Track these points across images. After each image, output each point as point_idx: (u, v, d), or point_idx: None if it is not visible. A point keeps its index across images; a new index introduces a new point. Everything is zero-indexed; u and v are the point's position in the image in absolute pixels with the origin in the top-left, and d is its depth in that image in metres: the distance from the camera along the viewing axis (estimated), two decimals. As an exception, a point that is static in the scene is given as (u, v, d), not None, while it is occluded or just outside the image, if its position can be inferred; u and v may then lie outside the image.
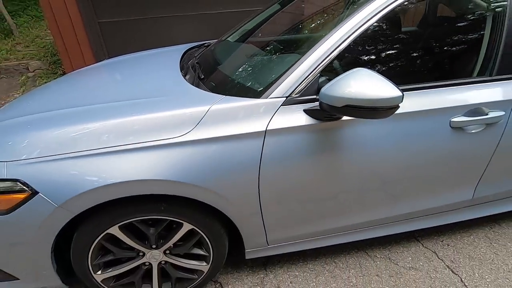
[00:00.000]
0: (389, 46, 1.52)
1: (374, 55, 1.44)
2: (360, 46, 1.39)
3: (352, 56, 1.40)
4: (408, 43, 1.58)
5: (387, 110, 1.02)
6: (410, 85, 1.30)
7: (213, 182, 1.16)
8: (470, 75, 1.40)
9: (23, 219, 1.09)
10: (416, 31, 1.59)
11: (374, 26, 1.20)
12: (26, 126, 1.21)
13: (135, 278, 1.36)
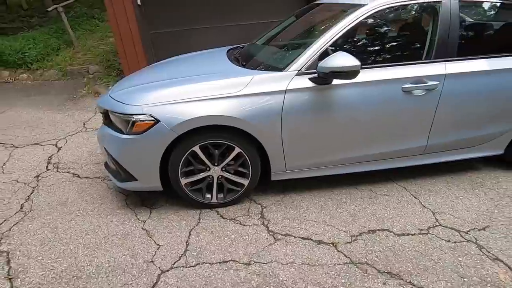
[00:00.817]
0: (364, 40, 2.31)
1: (352, 46, 2.24)
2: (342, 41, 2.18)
3: (337, 46, 2.19)
4: (378, 39, 2.36)
5: (352, 73, 1.82)
6: (379, 64, 2.08)
7: (256, 120, 1.98)
8: (419, 59, 2.16)
9: (149, 137, 1.95)
10: (384, 31, 2.37)
11: (349, 29, 2.01)
12: (144, 89, 2.10)
13: (202, 186, 2.19)
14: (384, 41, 2.37)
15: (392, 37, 2.32)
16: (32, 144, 3.45)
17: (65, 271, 1.79)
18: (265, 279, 1.69)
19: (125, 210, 2.30)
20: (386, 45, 2.31)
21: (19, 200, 2.45)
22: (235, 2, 5.12)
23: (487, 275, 1.67)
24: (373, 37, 2.27)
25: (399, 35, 2.34)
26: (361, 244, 1.91)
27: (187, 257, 1.86)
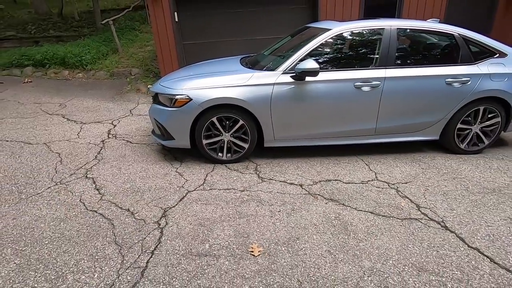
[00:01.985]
0: (330, 52, 3.30)
1: (321, 56, 3.24)
2: (314, 52, 3.16)
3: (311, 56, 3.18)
4: (339, 51, 3.34)
5: (314, 73, 2.83)
6: (339, 68, 3.08)
7: (254, 102, 3.01)
8: (367, 66, 3.13)
9: (185, 110, 3.04)
10: (343, 46, 3.36)
11: (319, 45, 3.03)
12: (182, 80, 3.21)
13: (217, 146, 3.24)
14: (343, 53, 3.36)
15: (349, 50, 3.32)
16: (95, 122, 4.67)
17: (129, 188, 2.87)
18: (251, 197, 2.69)
19: (164, 162, 3.39)
20: (345, 56, 3.30)
21: (94, 153, 3.61)
22: (253, 22, 6.28)
23: (394, 203, 2.58)
24: (336, 50, 3.28)
25: (354, 49, 3.33)
26: (318, 186, 2.87)
27: (204, 186, 2.90)
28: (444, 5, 6.13)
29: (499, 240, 2.13)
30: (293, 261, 1.98)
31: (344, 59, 3.29)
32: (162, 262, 1.97)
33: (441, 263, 1.94)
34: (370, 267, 1.92)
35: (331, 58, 3.22)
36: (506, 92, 3.17)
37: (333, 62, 3.22)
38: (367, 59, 3.19)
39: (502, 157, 3.41)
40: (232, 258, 2.00)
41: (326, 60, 3.20)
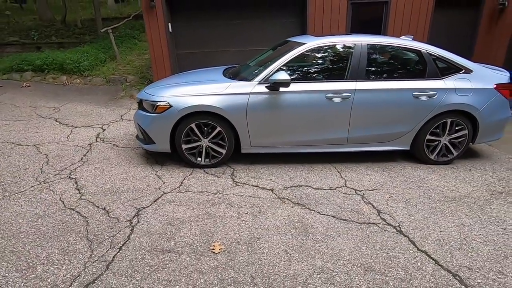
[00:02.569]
0: (304, 64, 3.49)
1: (296, 68, 3.42)
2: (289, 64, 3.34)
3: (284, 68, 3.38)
4: (313, 64, 3.53)
5: (286, 84, 3.02)
6: (312, 79, 3.26)
7: (231, 110, 3.18)
8: (339, 78, 3.31)
9: (165, 116, 3.21)
10: (317, 60, 3.55)
11: (293, 58, 3.22)
12: (165, 88, 3.39)
13: (196, 151, 3.39)
14: (316, 65, 3.55)
15: (322, 63, 3.51)
16: (85, 126, 4.85)
17: (108, 189, 3.01)
18: (222, 200, 2.83)
19: (145, 165, 3.54)
20: (318, 68, 3.49)
21: (80, 156, 3.77)
22: (245, 33, 6.53)
23: (356, 208, 2.71)
24: (309, 63, 3.47)
25: (327, 62, 3.52)
26: (289, 191, 3.01)
27: (180, 188, 3.04)
28: (428, 22, 6.37)
29: (448, 244, 2.26)
30: (250, 258, 2.10)
31: (317, 71, 3.48)
32: (128, 257, 2.10)
33: (388, 263, 2.07)
34: (321, 266, 2.04)
35: (305, 70, 3.41)
36: (471, 106, 3.34)
37: (306, 74, 3.41)
38: (339, 72, 3.37)
39: (470, 168, 3.55)
40: (194, 255, 2.13)
41: (300, 72, 3.39)
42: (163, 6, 6.00)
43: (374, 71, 3.39)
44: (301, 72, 3.41)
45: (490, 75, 3.44)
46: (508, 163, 3.69)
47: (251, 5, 6.40)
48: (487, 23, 6.44)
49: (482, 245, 2.25)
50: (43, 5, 13.72)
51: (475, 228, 2.44)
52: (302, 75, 3.38)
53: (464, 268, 2.03)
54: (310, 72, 3.43)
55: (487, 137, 3.60)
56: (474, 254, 2.15)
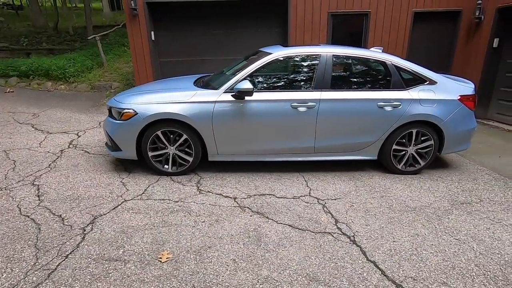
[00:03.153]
0: (271, 74, 3.53)
1: (262, 77, 3.46)
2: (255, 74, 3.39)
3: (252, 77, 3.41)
4: (279, 74, 3.58)
5: (249, 93, 3.04)
6: (278, 89, 3.29)
7: (196, 118, 3.20)
8: (305, 88, 3.34)
9: (131, 123, 3.22)
10: (283, 70, 3.61)
11: (259, 67, 3.26)
12: (133, 95, 3.40)
13: (162, 159, 3.39)
14: (282, 75, 3.60)
15: (288, 73, 3.56)
16: (61, 132, 4.84)
17: (69, 196, 2.99)
18: (182, 208, 2.82)
19: (113, 172, 3.53)
20: (284, 77, 3.54)
21: (48, 162, 3.75)
22: (228, 43, 6.61)
23: (315, 218, 2.71)
24: (276, 72, 3.52)
25: (293, 72, 3.57)
26: (251, 199, 3.00)
27: (142, 196, 3.02)
28: (407, 34, 6.50)
29: (398, 254, 2.25)
30: (196, 268, 2.08)
31: (282, 81, 3.52)
32: (72, 266, 2.07)
33: (335, 274, 2.05)
34: (266, 275, 2.03)
35: (271, 79, 3.46)
36: (436, 117, 3.38)
37: (272, 83, 3.45)
38: (305, 81, 3.41)
39: (437, 178, 3.57)
40: (140, 264, 2.11)
41: (266, 81, 3.43)
42: (146, 15, 6.08)
43: (339, 81, 3.44)
44: (268, 81, 3.45)
45: (454, 87, 3.50)
46: (475, 173, 3.72)
47: (234, 16, 6.50)
48: (465, 36, 6.58)
49: (432, 256, 2.24)
50: (36, 12, 13.82)
51: (429, 239, 2.44)
52: (269, 84, 3.42)
53: (409, 278, 2.02)
54: (276, 82, 3.47)
55: (453, 147, 3.63)
56: (422, 265, 2.15)
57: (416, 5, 6.36)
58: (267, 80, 3.46)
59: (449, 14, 6.52)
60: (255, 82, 3.47)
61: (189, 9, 6.35)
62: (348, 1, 6.29)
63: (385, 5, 6.33)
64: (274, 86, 3.45)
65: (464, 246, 2.36)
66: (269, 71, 3.48)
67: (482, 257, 2.24)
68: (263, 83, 3.45)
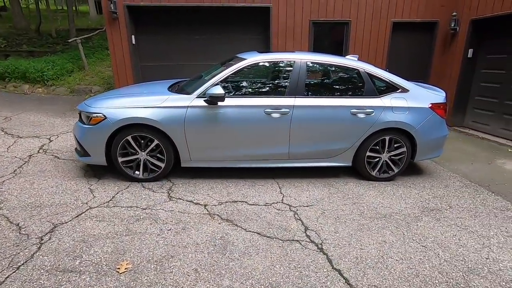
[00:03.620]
0: (244, 79, 3.52)
1: (235, 83, 3.44)
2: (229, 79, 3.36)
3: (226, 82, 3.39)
4: (253, 80, 3.58)
5: (221, 98, 3.01)
6: (251, 94, 3.27)
7: (167, 123, 3.13)
8: (279, 94, 3.34)
9: (99, 128, 3.12)
10: (258, 76, 3.63)
11: (233, 73, 3.24)
12: (103, 99, 3.32)
13: (133, 165, 3.30)
14: (256, 81, 3.60)
15: (262, 79, 3.57)
16: (32, 136, 4.67)
17: (31, 203, 2.86)
18: (149, 215, 2.73)
19: (82, 178, 3.41)
20: (257, 83, 3.54)
21: (14, 167, 3.59)
22: (210, 48, 6.59)
23: (285, 225, 2.67)
24: (249, 78, 3.51)
25: (267, 78, 3.58)
26: (222, 206, 2.94)
27: (109, 203, 2.92)
28: (387, 43, 6.64)
29: (364, 262, 2.23)
30: (155, 278, 2.00)
31: (256, 86, 3.51)
32: (22, 278, 1.96)
33: (297, 283, 2.01)
34: (227, 285, 1.97)
35: (245, 85, 3.44)
36: (408, 124, 3.43)
37: (246, 89, 3.44)
38: (278, 88, 3.41)
39: (410, 185, 3.61)
40: (96, 275, 2.01)
41: (240, 87, 3.41)
42: (126, 18, 6.00)
43: (313, 88, 3.45)
44: (241, 87, 3.43)
45: (425, 95, 3.57)
46: (448, 180, 3.78)
47: (217, 22, 6.50)
48: (442, 46, 6.77)
49: (398, 263, 2.24)
50: (18, 14, 13.50)
51: (396, 246, 2.44)
52: (242, 90, 3.40)
53: (372, 287, 2.00)
54: (250, 87, 3.46)
55: (426, 154, 3.68)
56: (386, 273, 2.14)
57: (395, 15, 6.52)
58: (241, 86, 3.44)
59: (427, 25, 6.71)
60: (230, 88, 3.45)
61: (171, 14, 6.32)
62: (329, 9, 6.40)
63: (365, 14, 6.47)
64: (248, 91, 3.44)
65: (429, 253, 2.37)
66: (243, 76, 3.47)
67: (447, 264, 2.25)
68: (237, 88, 3.43)
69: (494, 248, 2.45)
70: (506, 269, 2.22)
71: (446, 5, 6.53)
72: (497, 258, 2.34)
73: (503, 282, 2.09)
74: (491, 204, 3.19)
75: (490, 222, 2.84)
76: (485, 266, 2.24)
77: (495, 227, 2.77)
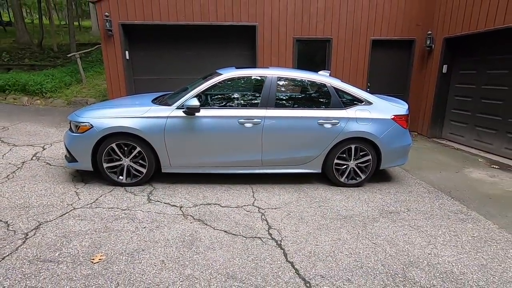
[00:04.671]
0: (221, 93, 3.85)
1: (212, 96, 3.77)
2: (206, 92, 3.70)
3: (200, 95, 3.72)
4: (229, 93, 3.91)
5: (197, 109, 3.34)
6: (227, 106, 3.58)
7: (148, 132, 3.44)
8: (251, 106, 3.65)
9: (86, 136, 3.42)
10: (233, 89, 3.96)
11: (210, 87, 3.57)
12: (91, 109, 3.63)
13: (117, 170, 3.57)
14: (231, 94, 3.94)
15: (236, 92, 3.90)
16: (27, 145, 4.96)
17: (20, 204, 3.11)
18: (128, 215, 2.98)
19: (69, 183, 3.68)
20: (232, 96, 3.87)
21: (7, 173, 3.87)
22: (200, 63, 6.99)
23: (251, 224, 2.92)
24: (225, 91, 3.84)
25: (240, 91, 3.92)
26: (196, 208, 3.20)
27: (92, 205, 3.18)
28: (367, 60, 7.04)
29: (315, 256, 2.47)
30: (125, 268, 2.25)
31: (231, 99, 3.84)
32: (5, 266, 2.20)
33: (252, 272, 2.25)
34: (188, 274, 2.21)
35: (220, 97, 3.77)
36: (371, 134, 3.73)
37: (222, 101, 3.76)
38: (251, 100, 3.74)
39: (376, 190, 3.87)
40: (72, 264, 2.25)
41: (216, 99, 3.74)
42: (121, 36, 6.42)
43: (283, 100, 3.78)
44: (217, 99, 3.76)
45: (388, 107, 3.88)
46: (412, 186, 4.04)
47: (205, 39, 6.92)
48: (419, 62, 7.17)
49: (346, 257, 2.48)
50: (21, 29, 14.09)
51: (349, 243, 2.69)
52: (218, 102, 3.72)
53: (318, 276, 2.24)
54: (225, 99, 3.78)
55: (391, 162, 3.96)
56: (333, 265, 2.38)
57: (374, 34, 6.95)
58: (218, 98, 3.77)
59: (404, 43, 7.13)
60: (208, 99, 3.77)
61: (162, 31, 6.75)
62: (312, 27, 6.83)
63: (346, 32, 6.90)
64: (223, 103, 3.76)
65: (378, 249, 2.61)
66: (220, 90, 3.80)
67: (391, 258, 2.49)
68: (214, 100, 3.75)
69: (438, 245, 2.70)
70: (444, 263, 2.46)
71: (422, 24, 6.97)
72: (438, 253, 2.58)
73: (438, 273, 2.33)
74: (447, 208, 3.45)
75: (441, 223, 3.09)
76: (425, 260, 2.48)
77: (445, 227, 3.02)
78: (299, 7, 6.69)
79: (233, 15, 6.60)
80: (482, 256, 2.57)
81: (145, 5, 6.35)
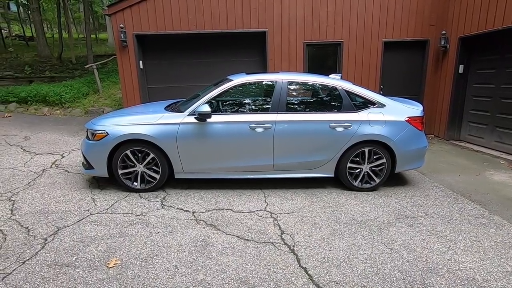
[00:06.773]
0: (232, 98, 3.88)
1: (224, 102, 3.81)
2: (218, 98, 3.74)
3: (212, 101, 3.76)
4: (239, 98, 3.92)
5: (208, 115, 3.38)
6: (237, 112, 3.61)
7: (162, 138, 3.50)
8: (262, 110, 3.66)
9: (102, 143, 3.52)
10: (243, 94, 3.97)
11: (221, 92, 3.62)
12: (106, 118, 3.74)
13: (132, 176, 3.64)
14: (242, 99, 3.96)
15: (247, 97, 3.91)
16: (47, 153, 5.15)
17: (40, 210, 3.22)
18: (142, 220, 3.03)
19: (86, 189, 3.78)
20: (243, 101, 3.89)
21: (29, 180, 4.02)
22: (211, 70, 7.10)
23: (263, 230, 2.90)
24: (235, 97, 3.87)
25: (251, 96, 3.93)
26: (209, 213, 3.21)
27: (108, 210, 3.25)
28: (379, 62, 6.94)
29: (329, 262, 2.42)
30: (139, 272, 2.27)
31: (242, 104, 3.87)
32: (26, 270, 2.27)
33: (265, 278, 2.23)
34: (201, 279, 2.21)
35: (231, 103, 3.80)
36: (385, 137, 3.65)
37: (232, 106, 3.79)
38: (262, 105, 3.75)
39: (392, 194, 3.77)
40: (88, 269, 2.30)
41: (226, 105, 3.77)
42: (135, 46, 6.61)
43: (294, 104, 3.77)
44: (229, 105, 3.79)
45: (402, 109, 3.80)
46: (429, 190, 3.91)
47: (216, 47, 7.03)
48: (434, 63, 7.01)
49: (361, 263, 2.41)
50: (42, 43, 14.74)
51: (364, 248, 2.62)
52: (229, 108, 3.75)
53: (332, 282, 2.19)
54: (236, 105, 3.81)
55: (406, 165, 3.86)
56: (348, 271, 2.32)
57: (385, 35, 6.86)
58: (229, 104, 3.80)
59: (418, 43, 7.00)
60: (219, 105, 3.81)
61: (174, 40, 6.90)
62: (322, 31, 6.82)
63: (357, 35, 6.84)
64: (234, 109, 3.79)
65: (394, 254, 2.53)
66: (231, 95, 3.84)
67: (408, 264, 2.41)
68: (225, 106, 3.79)
69: (459, 251, 2.59)
70: (465, 269, 2.35)
71: (436, 24, 6.83)
72: (459, 259, 2.47)
73: (458, 280, 2.23)
74: (468, 212, 3.31)
75: (461, 228, 2.97)
76: (445, 266, 2.38)
77: (466, 232, 2.90)
78: (308, 12, 6.71)
79: (243, 22, 6.69)
80: (507, 263, 2.44)
81: (158, 15, 6.53)
